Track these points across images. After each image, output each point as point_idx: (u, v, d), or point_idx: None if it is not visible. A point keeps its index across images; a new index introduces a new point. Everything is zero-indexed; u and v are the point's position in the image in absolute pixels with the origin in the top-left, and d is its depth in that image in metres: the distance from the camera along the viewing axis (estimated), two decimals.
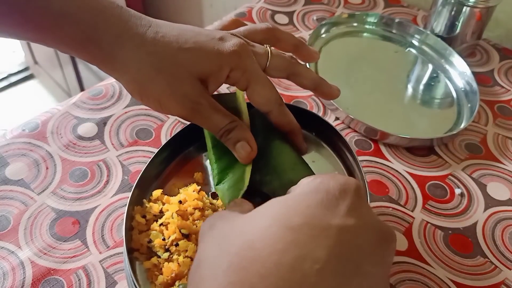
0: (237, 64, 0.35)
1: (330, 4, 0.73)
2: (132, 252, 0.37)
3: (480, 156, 0.52)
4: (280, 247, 0.22)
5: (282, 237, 0.23)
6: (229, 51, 0.34)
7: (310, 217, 0.24)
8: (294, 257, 0.22)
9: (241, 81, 0.36)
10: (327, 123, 0.46)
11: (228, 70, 0.35)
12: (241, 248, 0.23)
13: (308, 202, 0.25)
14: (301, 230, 0.23)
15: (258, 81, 0.36)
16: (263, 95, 0.37)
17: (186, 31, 0.35)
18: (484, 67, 0.65)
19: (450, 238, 0.44)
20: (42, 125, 0.50)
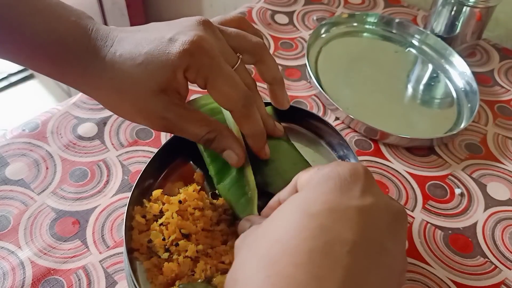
0: (189, 64, 0.33)
1: (330, 4, 0.73)
2: (132, 252, 0.37)
3: (480, 156, 0.52)
4: (307, 235, 0.23)
5: (306, 225, 0.24)
6: (177, 53, 0.32)
7: (329, 202, 0.25)
8: (323, 242, 0.23)
9: (198, 79, 0.33)
10: (327, 123, 0.46)
11: (182, 72, 0.33)
12: (269, 245, 0.24)
13: (322, 190, 0.26)
14: (323, 215, 0.24)
15: (217, 76, 0.33)
16: (222, 93, 0.34)
17: (141, 40, 0.34)
18: (484, 67, 0.65)
19: (450, 238, 0.44)
20: (42, 125, 0.50)
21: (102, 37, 0.34)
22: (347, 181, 0.26)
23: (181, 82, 0.34)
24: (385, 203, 0.26)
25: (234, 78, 0.34)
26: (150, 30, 0.35)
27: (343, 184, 0.26)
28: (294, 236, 0.24)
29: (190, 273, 0.35)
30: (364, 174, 0.27)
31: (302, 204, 0.25)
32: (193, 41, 0.32)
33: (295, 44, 0.65)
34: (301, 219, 0.24)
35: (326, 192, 0.25)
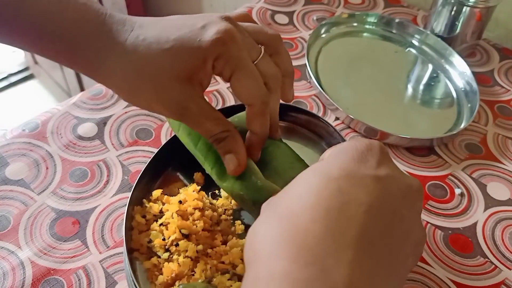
0: (220, 53, 0.32)
1: (330, 4, 0.73)
2: (132, 252, 0.37)
3: (480, 156, 0.52)
4: (326, 194, 0.25)
5: (325, 186, 0.25)
6: (211, 40, 0.32)
7: (347, 170, 0.26)
8: (340, 202, 0.24)
9: (225, 70, 0.33)
10: (327, 123, 0.46)
11: (212, 61, 0.33)
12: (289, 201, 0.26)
13: (341, 159, 0.27)
14: (342, 179, 0.26)
15: (243, 70, 0.33)
16: (246, 86, 0.34)
17: (168, 27, 0.33)
18: (484, 67, 0.65)
19: (450, 238, 0.44)
20: (42, 125, 0.50)
21: (118, 21, 0.34)
22: (364, 153, 0.27)
23: (209, 71, 0.33)
24: (399, 175, 0.28)
25: (257, 73, 0.34)
26: (173, 19, 0.34)
27: (360, 155, 0.27)
28: (314, 195, 0.25)
29: (190, 273, 0.35)
30: (380, 148, 0.28)
31: (322, 169, 0.27)
32: (227, 30, 0.32)
33: (295, 44, 0.65)
34: (321, 181, 0.26)
35: (344, 161, 0.27)
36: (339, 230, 0.24)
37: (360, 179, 0.26)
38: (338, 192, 0.25)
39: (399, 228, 0.26)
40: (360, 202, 0.25)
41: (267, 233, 0.25)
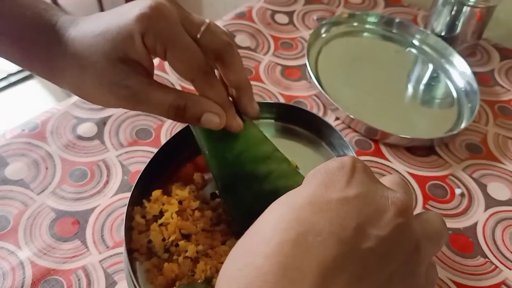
0: (147, 28, 0.31)
1: (330, 3, 0.73)
2: (132, 253, 0.37)
3: (481, 156, 0.52)
4: (283, 226, 0.23)
5: (284, 217, 0.23)
6: (135, 16, 0.31)
7: (312, 196, 0.24)
8: (297, 233, 0.22)
9: (157, 47, 0.31)
10: (327, 123, 0.46)
11: (139, 38, 0.31)
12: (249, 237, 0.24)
13: (309, 184, 0.25)
14: (303, 208, 0.24)
15: (176, 44, 0.31)
16: (182, 60, 0.32)
17: (103, 14, 0.33)
18: (484, 67, 0.65)
19: (451, 238, 0.44)
20: (41, 125, 0.50)
21: (68, 21, 0.34)
22: (334, 174, 0.25)
23: (140, 49, 0.32)
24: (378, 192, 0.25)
25: (193, 46, 0.32)
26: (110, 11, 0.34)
27: (330, 178, 0.25)
28: (271, 228, 0.23)
29: (190, 273, 0.35)
30: (351, 164, 0.26)
31: (288, 199, 0.25)
32: (152, 6, 0.31)
33: (295, 44, 0.65)
34: (282, 211, 0.24)
35: (311, 186, 0.25)
36: (292, 263, 0.21)
37: (324, 204, 0.24)
38: (295, 223, 0.23)
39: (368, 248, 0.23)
40: (319, 231, 0.22)
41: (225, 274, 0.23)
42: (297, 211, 0.23)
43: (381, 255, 0.23)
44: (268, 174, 0.36)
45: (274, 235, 0.23)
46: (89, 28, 0.33)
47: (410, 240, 0.25)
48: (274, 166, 0.37)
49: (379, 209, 0.24)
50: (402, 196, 0.25)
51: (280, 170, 0.37)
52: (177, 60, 0.32)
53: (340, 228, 0.23)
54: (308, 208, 0.23)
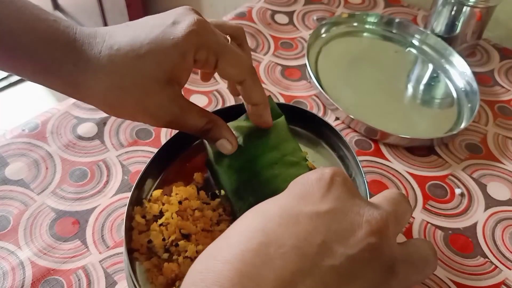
0: (198, 45, 0.32)
1: (330, 4, 0.73)
2: (132, 253, 0.37)
3: (480, 156, 0.52)
4: (249, 234, 0.23)
5: (252, 226, 0.23)
6: (185, 35, 0.32)
7: (284, 207, 0.24)
8: (259, 243, 0.22)
9: (210, 59, 0.33)
10: (327, 123, 0.46)
11: (192, 55, 0.33)
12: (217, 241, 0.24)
13: (285, 194, 0.25)
14: (272, 219, 0.23)
15: (226, 51, 0.33)
16: (235, 64, 0.34)
17: (139, 31, 0.33)
18: (484, 67, 0.65)
19: (450, 238, 0.44)
20: (42, 125, 0.50)
21: (89, 34, 0.33)
22: (312, 186, 0.25)
23: (189, 66, 0.33)
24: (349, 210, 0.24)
25: (239, 50, 0.35)
26: (141, 22, 0.34)
27: (306, 190, 0.25)
28: (237, 234, 0.23)
29: None
30: (329, 178, 0.25)
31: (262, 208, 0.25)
32: (198, 21, 0.32)
33: (295, 44, 0.65)
34: (252, 219, 0.24)
35: (287, 197, 0.25)
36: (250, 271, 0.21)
37: (294, 217, 0.23)
38: (260, 233, 0.22)
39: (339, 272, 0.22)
40: (282, 243, 0.22)
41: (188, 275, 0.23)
42: (265, 221, 0.23)
43: (344, 274, 0.22)
44: (273, 178, 0.37)
45: (238, 242, 0.22)
46: (128, 46, 0.32)
47: (382, 262, 0.23)
48: (281, 171, 0.37)
49: (351, 227, 0.23)
50: (379, 214, 0.24)
51: (286, 174, 0.37)
52: (230, 66, 0.34)
53: (304, 242, 0.22)
54: (277, 219, 0.23)
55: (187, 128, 0.35)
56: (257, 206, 0.25)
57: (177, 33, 0.32)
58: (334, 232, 0.23)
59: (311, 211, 0.23)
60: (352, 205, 0.24)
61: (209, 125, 0.36)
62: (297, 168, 0.38)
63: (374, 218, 0.24)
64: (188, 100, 0.35)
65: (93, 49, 0.32)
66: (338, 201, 0.24)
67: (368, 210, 0.24)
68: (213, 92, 0.56)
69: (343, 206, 0.24)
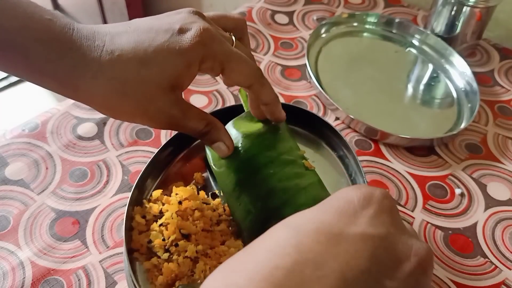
0: (204, 55, 0.32)
1: (330, 4, 0.73)
2: (132, 253, 0.37)
3: (480, 156, 0.52)
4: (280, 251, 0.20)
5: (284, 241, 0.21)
6: (192, 45, 0.32)
7: (321, 223, 0.21)
8: (293, 262, 0.19)
9: (215, 67, 0.34)
10: (327, 123, 0.46)
11: (197, 65, 0.33)
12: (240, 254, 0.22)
13: (322, 209, 0.23)
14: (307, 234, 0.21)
15: (232, 59, 0.34)
16: (241, 71, 0.34)
17: (142, 36, 0.32)
18: (484, 67, 0.65)
19: (450, 238, 0.44)
20: (42, 125, 0.50)
21: (87, 36, 0.31)
22: (354, 205, 0.22)
23: (193, 74, 0.33)
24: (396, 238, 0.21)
25: (243, 55, 0.34)
26: (144, 25, 0.33)
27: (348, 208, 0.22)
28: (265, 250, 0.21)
29: (189, 273, 0.35)
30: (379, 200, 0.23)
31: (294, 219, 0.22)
32: (204, 30, 0.32)
33: (295, 44, 0.65)
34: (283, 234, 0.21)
35: (323, 212, 0.22)
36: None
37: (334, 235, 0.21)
38: (295, 249, 0.20)
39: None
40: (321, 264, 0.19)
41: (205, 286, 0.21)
42: (300, 237, 0.20)
43: None
44: (268, 177, 0.37)
45: (267, 259, 0.20)
46: (131, 53, 0.31)
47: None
48: (276, 170, 0.37)
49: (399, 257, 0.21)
50: (427, 249, 0.22)
51: (281, 173, 0.37)
52: (236, 74, 0.34)
53: (346, 266, 0.19)
54: (314, 236, 0.21)
55: (187, 130, 0.35)
56: (288, 218, 0.22)
57: (183, 43, 0.32)
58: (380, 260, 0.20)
59: (355, 233, 0.21)
60: (401, 234, 0.22)
61: (208, 127, 0.36)
62: (292, 167, 0.38)
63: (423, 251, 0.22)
64: (188, 102, 0.35)
65: (92, 53, 0.31)
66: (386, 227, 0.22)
67: (415, 242, 0.22)
68: (213, 92, 0.56)
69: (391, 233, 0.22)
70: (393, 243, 0.21)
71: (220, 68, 0.34)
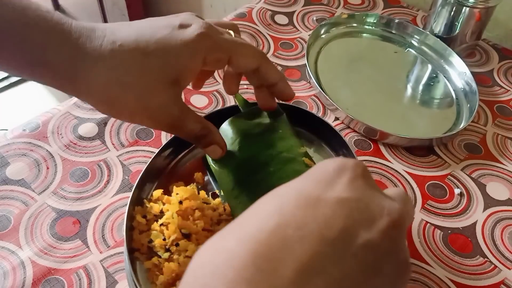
0: (210, 47, 0.33)
1: (329, 4, 0.73)
2: (132, 252, 0.37)
3: (480, 156, 0.52)
4: (263, 215, 0.22)
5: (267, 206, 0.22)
6: (196, 36, 0.32)
7: (301, 190, 0.23)
8: (276, 224, 0.21)
9: (222, 58, 0.34)
10: (326, 123, 0.46)
11: (201, 57, 0.33)
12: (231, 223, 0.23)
13: (302, 179, 0.24)
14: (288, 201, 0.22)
15: (237, 46, 0.34)
16: (248, 54, 0.35)
17: (143, 30, 0.32)
18: (483, 67, 0.65)
19: (450, 238, 0.44)
20: (42, 125, 0.50)
21: (86, 28, 0.31)
22: (330, 174, 0.24)
23: (197, 68, 0.33)
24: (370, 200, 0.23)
25: (244, 40, 0.35)
26: (144, 22, 0.33)
27: (326, 176, 0.24)
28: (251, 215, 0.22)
29: None
30: (352, 168, 0.24)
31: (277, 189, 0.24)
32: (205, 24, 0.33)
33: (295, 44, 0.65)
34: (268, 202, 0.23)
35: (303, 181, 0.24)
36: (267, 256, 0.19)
37: (312, 199, 0.22)
38: (277, 213, 0.21)
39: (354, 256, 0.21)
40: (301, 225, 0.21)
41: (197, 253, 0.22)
42: (281, 203, 0.22)
43: (367, 264, 0.21)
44: (268, 176, 0.37)
45: (253, 223, 0.21)
46: (133, 43, 0.31)
47: (402, 258, 0.23)
48: (276, 168, 0.38)
49: (372, 216, 0.22)
50: (399, 209, 0.23)
51: (281, 171, 0.37)
52: (245, 58, 0.35)
53: (324, 226, 0.21)
54: (294, 201, 0.22)
55: (184, 132, 0.35)
56: (272, 190, 0.24)
57: (187, 35, 0.32)
58: (355, 219, 0.22)
59: (332, 197, 0.22)
60: (373, 196, 0.24)
61: (203, 131, 0.36)
62: (292, 164, 0.38)
63: (395, 211, 0.23)
64: (187, 106, 0.35)
65: (93, 42, 0.30)
66: (360, 191, 0.23)
67: (388, 202, 0.24)
68: (213, 92, 0.56)
69: (365, 196, 0.23)
70: (367, 204, 0.23)
71: (227, 57, 0.34)
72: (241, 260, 0.19)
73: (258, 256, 0.19)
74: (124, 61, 0.31)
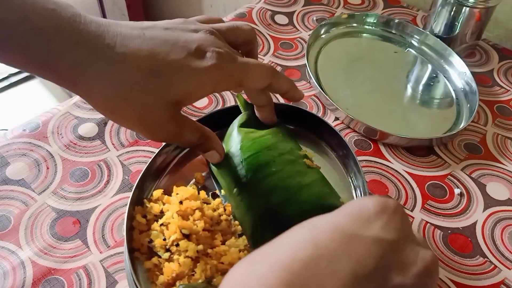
0: (222, 78, 0.32)
1: (329, 4, 0.73)
2: (133, 252, 0.37)
3: (480, 156, 0.52)
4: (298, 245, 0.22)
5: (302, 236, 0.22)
6: (208, 67, 0.31)
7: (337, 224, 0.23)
8: (310, 255, 0.21)
9: (232, 86, 0.34)
10: (326, 123, 0.46)
11: (211, 87, 0.33)
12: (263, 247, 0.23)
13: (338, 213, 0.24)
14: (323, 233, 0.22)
15: (248, 71, 0.34)
16: (258, 77, 0.34)
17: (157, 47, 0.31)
18: (483, 67, 0.65)
19: (450, 238, 0.44)
20: (42, 125, 0.50)
21: (95, 32, 0.30)
22: (369, 212, 0.24)
23: (203, 96, 0.33)
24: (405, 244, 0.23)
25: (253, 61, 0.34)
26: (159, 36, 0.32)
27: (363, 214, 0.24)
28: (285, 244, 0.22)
29: (190, 273, 0.35)
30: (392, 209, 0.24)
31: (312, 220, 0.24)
32: (218, 55, 0.32)
33: (295, 44, 0.65)
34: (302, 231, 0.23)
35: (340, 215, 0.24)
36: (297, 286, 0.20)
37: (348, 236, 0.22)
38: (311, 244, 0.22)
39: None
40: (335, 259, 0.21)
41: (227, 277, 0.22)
42: (317, 233, 0.22)
43: None
44: (269, 176, 0.37)
45: (286, 251, 0.22)
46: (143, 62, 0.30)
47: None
48: (277, 168, 0.38)
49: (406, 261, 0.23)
50: (433, 256, 0.24)
51: (283, 172, 0.38)
52: (254, 80, 0.34)
53: (357, 264, 0.21)
54: (329, 234, 0.22)
55: (182, 142, 0.35)
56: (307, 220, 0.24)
57: (201, 66, 0.31)
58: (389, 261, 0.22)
59: (368, 235, 0.22)
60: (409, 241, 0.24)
61: (202, 139, 0.36)
62: (293, 166, 0.38)
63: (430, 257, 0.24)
64: (184, 115, 0.35)
65: (100, 52, 0.30)
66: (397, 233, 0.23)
67: (422, 249, 0.24)
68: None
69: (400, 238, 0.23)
70: (402, 248, 0.23)
71: (238, 85, 0.34)
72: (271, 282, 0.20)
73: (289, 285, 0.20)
74: (130, 78, 0.30)
